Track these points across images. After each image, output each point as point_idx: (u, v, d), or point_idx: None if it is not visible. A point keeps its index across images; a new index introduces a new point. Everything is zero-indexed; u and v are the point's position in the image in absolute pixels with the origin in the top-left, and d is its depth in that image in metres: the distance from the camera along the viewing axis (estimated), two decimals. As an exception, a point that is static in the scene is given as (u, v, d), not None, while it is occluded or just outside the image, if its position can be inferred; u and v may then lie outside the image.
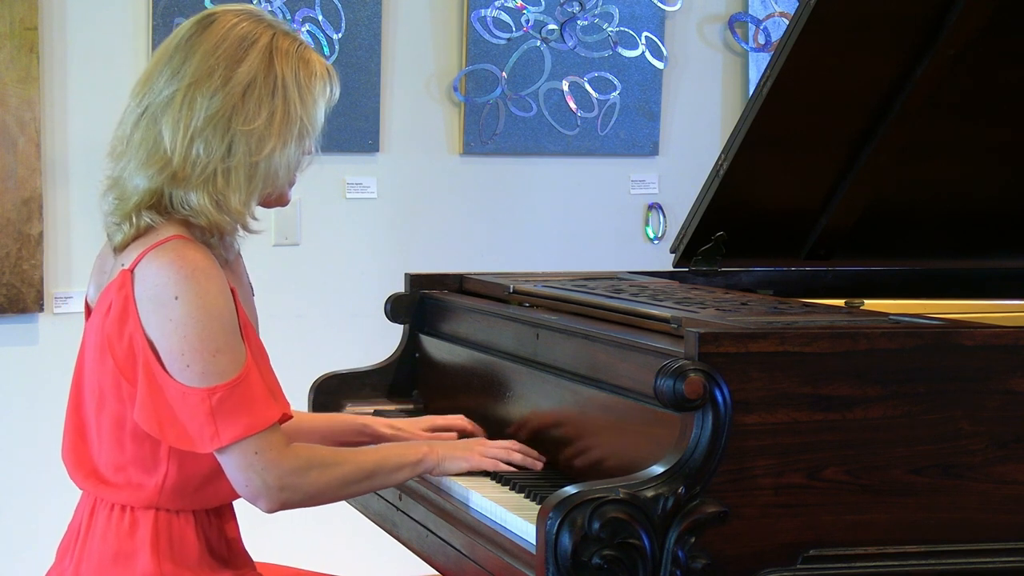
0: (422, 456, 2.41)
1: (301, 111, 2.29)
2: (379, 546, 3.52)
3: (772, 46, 4.97)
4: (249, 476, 2.20)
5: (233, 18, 2.30)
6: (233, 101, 2.24)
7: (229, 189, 2.24)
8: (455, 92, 4.68)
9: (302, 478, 2.23)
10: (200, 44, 2.27)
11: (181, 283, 2.17)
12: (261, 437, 2.20)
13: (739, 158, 2.94)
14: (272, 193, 2.32)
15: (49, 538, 2.59)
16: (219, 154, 2.23)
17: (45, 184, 4.22)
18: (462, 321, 2.92)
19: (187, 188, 2.24)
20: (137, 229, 2.26)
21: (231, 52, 2.26)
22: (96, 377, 2.27)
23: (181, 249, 2.20)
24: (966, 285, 3.24)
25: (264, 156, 2.25)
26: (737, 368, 2.01)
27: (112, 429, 2.26)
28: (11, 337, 4.25)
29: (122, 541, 2.26)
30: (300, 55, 2.31)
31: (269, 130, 2.25)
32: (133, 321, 2.19)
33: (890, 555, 2.08)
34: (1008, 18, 2.89)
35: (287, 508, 2.26)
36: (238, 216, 2.27)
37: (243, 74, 2.25)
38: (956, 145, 3.10)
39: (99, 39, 4.30)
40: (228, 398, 2.17)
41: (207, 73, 2.24)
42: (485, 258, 4.70)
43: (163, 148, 2.24)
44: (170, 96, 2.25)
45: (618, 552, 1.96)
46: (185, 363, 2.17)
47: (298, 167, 2.33)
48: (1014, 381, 2.12)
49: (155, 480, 2.25)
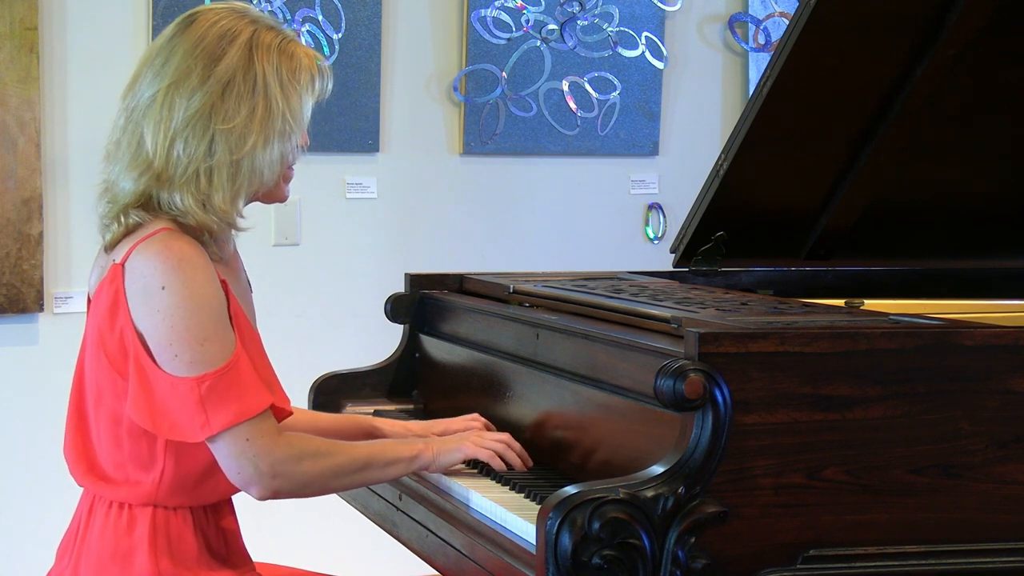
0: (417, 452, 2.40)
1: (284, 106, 2.27)
2: (379, 546, 3.52)
3: (772, 46, 4.97)
4: (241, 463, 2.20)
5: (214, 15, 2.29)
6: (212, 100, 2.23)
7: (212, 188, 2.24)
8: (455, 92, 4.68)
9: (295, 466, 2.23)
10: (181, 44, 2.26)
11: (168, 273, 2.18)
12: (252, 424, 2.20)
13: (739, 158, 2.94)
14: (260, 190, 2.31)
15: (49, 538, 2.59)
16: (200, 154, 2.23)
17: (45, 184, 4.22)
18: (462, 321, 2.92)
19: (171, 189, 2.24)
20: (126, 227, 2.26)
21: (210, 50, 2.25)
22: (94, 374, 2.28)
23: (168, 240, 2.21)
24: (966, 285, 3.24)
25: (245, 153, 2.24)
26: (737, 368, 2.01)
27: (109, 426, 2.26)
28: (11, 337, 4.25)
29: (120, 539, 2.27)
30: (282, 49, 2.29)
31: (249, 127, 2.24)
32: (123, 315, 2.20)
33: (890, 555, 2.08)
34: (1008, 18, 2.89)
35: (279, 497, 2.25)
36: (224, 215, 2.26)
37: (222, 71, 2.24)
38: (956, 145, 3.10)
39: (99, 39, 4.30)
40: (217, 385, 2.17)
41: (186, 72, 2.24)
42: (485, 258, 4.70)
43: (145, 150, 2.24)
44: (151, 97, 2.24)
45: (618, 552, 1.96)
46: (173, 353, 2.17)
47: (286, 163, 2.32)
48: (1014, 381, 2.12)
49: (152, 476, 2.25)
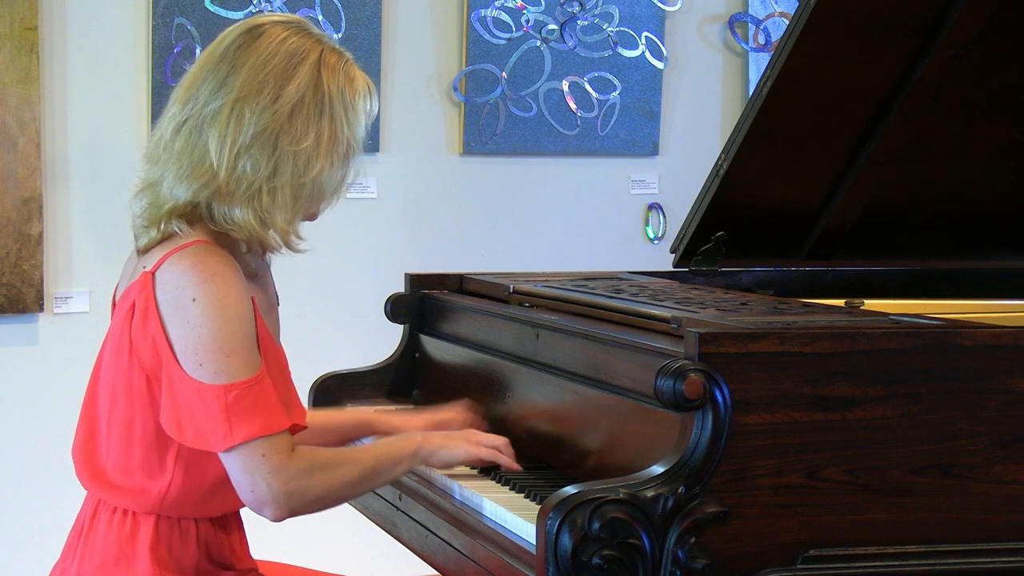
0: (416, 447, 2.40)
1: (348, 132, 2.27)
2: (379, 546, 3.52)
3: (772, 46, 4.97)
4: (255, 480, 2.18)
5: (283, 31, 2.26)
6: (281, 120, 2.21)
7: (275, 207, 2.23)
8: (455, 92, 4.68)
9: (308, 480, 2.21)
10: (248, 56, 2.23)
11: (200, 286, 2.16)
12: (270, 440, 2.18)
13: (739, 158, 2.94)
14: (316, 212, 2.31)
15: (49, 537, 2.59)
16: (266, 173, 2.21)
17: (45, 184, 4.22)
18: (462, 321, 2.92)
19: (231, 203, 2.22)
20: (163, 234, 2.24)
21: (281, 68, 2.23)
22: (110, 377, 2.27)
23: (202, 254, 2.19)
24: (966, 285, 3.24)
25: (311, 177, 2.24)
26: (737, 368, 2.01)
27: (121, 432, 2.25)
28: (11, 337, 4.25)
29: (123, 545, 2.26)
30: (346, 72, 2.28)
31: (317, 151, 2.23)
32: (154, 323, 2.19)
33: (890, 555, 2.08)
34: (1008, 18, 2.89)
35: (294, 515, 2.23)
36: (283, 234, 2.26)
37: (292, 92, 2.22)
38: (956, 145, 3.10)
39: (99, 39, 4.30)
40: (244, 396, 2.16)
41: (256, 88, 2.21)
42: (485, 258, 4.70)
43: (209, 161, 2.21)
44: (217, 109, 2.21)
45: (618, 552, 1.96)
46: (199, 362, 2.16)
47: (345, 186, 2.32)
48: (1014, 381, 2.12)
49: (160, 486, 2.24)
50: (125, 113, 4.31)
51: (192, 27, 4.32)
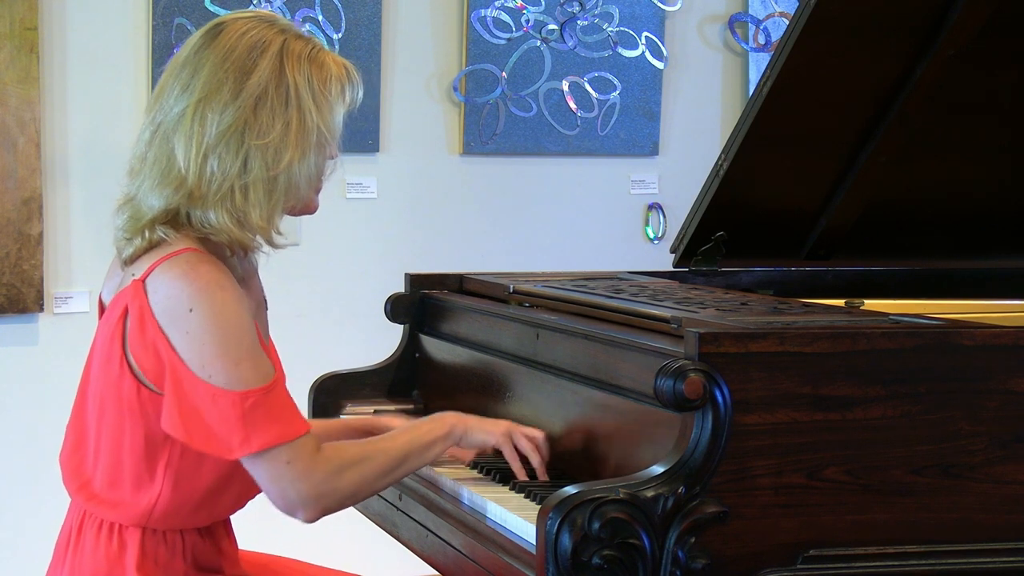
0: (450, 427, 2.36)
1: (318, 119, 2.21)
2: (379, 546, 3.52)
3: (772, 46, 4.97)
4: (283, 487, 2.15)
5: (243, 25, 2.21)
6: (245, 115, 2.16)
7: (248, 205, 2.18)
8: (455, 92, 4.68)
9: (337, 481, 2.18)
10: (209, 56, 2.19)
11: (195, 295, 2.12)
12: (292, 446, 2.14)
13: (739, 158, 2.94)
14: (297, 205, 2.25)
15: (48, 537, 2.59)
16: (235, 170, 2.16)
17: (45, 184, 4.22)
18: (462, 321, 2.92)
19: (205, 207, 2.17)
20: (150, 241, 2.20)
21: (240, 62, 2.18)
22: (99, 385, 2.22)
23: (193, 262, 2.15)
24: (966, 285, 3.23)
25: (283, 169, 2.18)
26: (737, 368, 2.01)
27: (110, 442, 2.21)
28: (11, 337, 4.25)
29: (112, 564, 2.22)
30: (313, 59, 2.22)
31: (285, 142, 2.18)
32: (153, 329, 2.14)
33: (890, 555, 2.08)
34: (1008, 18, 2.89)
35: (328, 514, 2.20)
36: (261, 232, 2.21)
37: (253, 85, 2.17)
38: (956, 145, 3.10)
39: (99, 39, 4.30)
40: (261, 403, 2.12)
41: (216, 87, 2.17)
42: (485, 258, 4.70)
43: (177, 167, 2.17)
44: (180, 112, 2.18)
45: (618, 552, 1.96)
46: (208, 373, 2.11)
47: (322, 174, 2.27)
48: (1014, 381, 2.12)
49: (148, 498, 2.20)
50: (125, 113, 4.31)
51: (192, 27, 4.32)
